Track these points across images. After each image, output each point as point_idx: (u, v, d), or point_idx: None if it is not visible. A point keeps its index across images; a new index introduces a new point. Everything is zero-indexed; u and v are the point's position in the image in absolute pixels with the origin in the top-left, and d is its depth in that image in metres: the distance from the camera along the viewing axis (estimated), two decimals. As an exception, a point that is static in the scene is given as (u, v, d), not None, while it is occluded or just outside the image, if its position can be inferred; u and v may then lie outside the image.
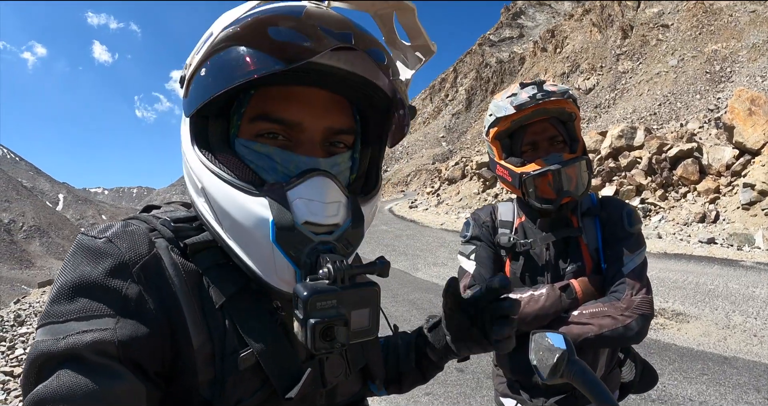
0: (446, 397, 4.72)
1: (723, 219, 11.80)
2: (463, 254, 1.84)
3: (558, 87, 1.67)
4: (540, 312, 1.58)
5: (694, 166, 13.40)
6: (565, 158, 1.65)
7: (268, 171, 0.80)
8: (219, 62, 0.75)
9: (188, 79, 0.81)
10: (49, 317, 0.69)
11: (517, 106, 1.65)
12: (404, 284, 9.62)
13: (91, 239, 0.75)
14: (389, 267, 0.78)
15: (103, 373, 0.66)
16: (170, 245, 0.80)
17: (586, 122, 43.20)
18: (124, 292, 0.71)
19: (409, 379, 1.17)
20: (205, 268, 0.80)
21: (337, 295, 0.68)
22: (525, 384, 1.77)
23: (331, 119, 0.84)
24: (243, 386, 0.77)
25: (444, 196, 27.52)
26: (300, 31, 0.72)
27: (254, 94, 0.82)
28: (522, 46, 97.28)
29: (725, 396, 4.32)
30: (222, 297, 0.78)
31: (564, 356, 1.05)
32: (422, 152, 77.65)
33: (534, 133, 1.71)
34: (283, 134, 0.81)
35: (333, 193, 0.78)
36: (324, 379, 0.87)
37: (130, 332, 0.69)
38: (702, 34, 42.68)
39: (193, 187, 0.83)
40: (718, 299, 7.12)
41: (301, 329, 0.67)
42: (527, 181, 1.68)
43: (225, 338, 0.77)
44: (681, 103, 34.81)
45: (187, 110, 0.81)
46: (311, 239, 0.74)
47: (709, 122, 18.08)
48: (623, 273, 1.61)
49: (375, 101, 0.91)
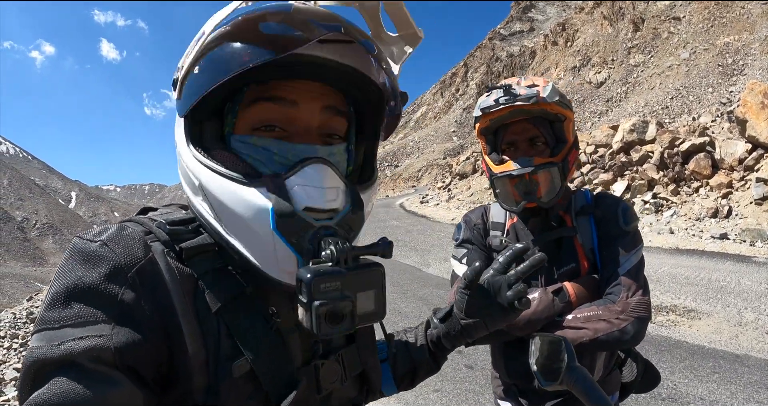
0: (455, 394, 4.71)
1: (736, 214, 11.67)
2: (456, 257, 1.81)
3: (528, 90, 1.61)
4: (532, 317, 1.55)
5: (706, 161, 13.26)
6: (535, 163, 1.61)
7: (265, 163, 0.80)
8: (212, 58, 0.76)
9: (181, 79, 0.81)
10: (44, 323, 0.68)
11: (483, 109, 1.66)
12: (415, 280, 9.61)
13: (86, 243, 0.74)
14: (392, 247, 0.77)
15: (100, 380, 0.65)
16: (166, 249, 0.79)
17: (598, 116, 42.88)
18: (119, 297, 0.70)
19: (423, 369, 1.18)
20: (201, 273, 0.79)
21: (340, 276, 0.68)
22: (521, 388, 1.75)
23: (326, 100, 0.85)
24: (237, 392, 0.76)
25: (455, 191, 27.44)
26: (289, 23, 0.74)
27: (248, 90, 0.82)
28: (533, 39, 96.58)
29: (736, 395, 4.29)
30: (217, 303, 0.77)
31: (565, 363, 1.04)
32: (433, 147, 77.38)
33: (513, 132, 1.69)
34: (279, 125, 0.82)
35: (331, 179, 0.78)
36: (319, 386, 0.87)
37: (126, 338, 0.68)
38: (714, 26, 42.15)
39: (190, 186, 0.83)
40: (731, 295, 7.06)
41: (306, 314, 0.67)
42: (495, 182, 1.69)
43: (219, 344, 0.76)
44: (693, 97, 34.45)
45: (181, 110, 0.82)
46: (312, 224, 0.74)
47: (722, 116, 17.85)
48: (619, 274, 1.57)
49: (368, 94, 0.92)
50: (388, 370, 1.16)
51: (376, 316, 0.74)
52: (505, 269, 1.04)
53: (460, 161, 31.46)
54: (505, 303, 1.01)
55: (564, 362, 1.04)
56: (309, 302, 0.65)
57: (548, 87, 1.65)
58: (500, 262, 1.05)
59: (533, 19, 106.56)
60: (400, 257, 12.20)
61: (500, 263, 1.05)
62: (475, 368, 5.21)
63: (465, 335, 1.10)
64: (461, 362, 5.37)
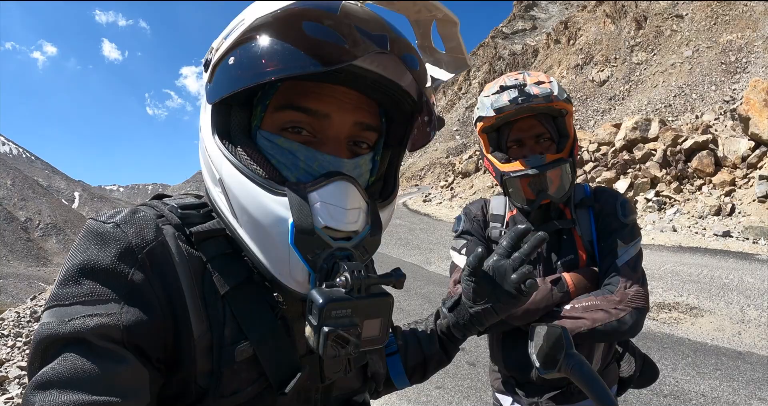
0: (457, 391, 4.72)
1: (738, 212, 11.66)
2: (455, 248, 1.82)
3: (542, 89, 1.62)
4: (531, 306, 1.56)
5: (709, 159, 13.25)
6: (547, 160, 1.62)
7: (289, 168, 0.78)
8: (249, 53, 0.73)
9: (214, 64, 0.78)
10: (55, 299, 0.69)
11: (497, 110, 1.64)
12: (417, 278, 9.62)
13: (99, 224, 0.75)
14: (404, 280, 0.77)
15: (108, 357, 0.66)
16: (177, 232, 0.80)
17: (601, 114, 42.83)
18: (129, 277, 0.71)
19: (434, 361, 1.19)
20: (210, 257, 0.80)
21: (352, 304, 0.68)
22: (520, 380, 1.75)
23: (359, 115, 0.83)
24: (239, 377, 0.77)
25: (458, 189, 27.50)
26: (336, 29, 0.70)
27: (281, 86, 0.80)
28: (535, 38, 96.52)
29: (738, 392, 4.29)
30: (225, 287, 0.78)
31: (563, 350, 1.04)
32: (436, 146, 77.37)
33: (520, 130, 1.69)
34: (308, 129, 0.80)
35: (355, 200, 0.76)
36: (323, 374, 0.87)
37: (134, 317, 0.69)
38: (717, 24, 42.04)
39: (211, 176, 0.82)
40: (733, 293, 7.06)
41: (314, 335, 0.67)
42: (507, 182, 1.68)
43: (224, 328, 0.77)
44: (696, 95, 34.38)
45: (211, 98, 0.79)
46: (330, 244, 0.73)
47: (725, 114, 17.82)
48: (617, 265, 1.58)
49: (401, 105, 0.90)
50: (399, 362, 1.16)
51: (378, 341, 0.73)
52: (509, 253, 1.04)
53: (463, 160, 31.50)
54: (511, 288, 1.01)
55: (563, 350, 1.04)
56: (318, 326, 0.66)
57: (555, 84, 1.67)
58: (503, 246, 1.05)
59: (536, 18, 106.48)
60: (403, 255, 12.23)
61: (503, 247, 1.05)
62: (477, 365, 5.22)
63: (476, 323, 1.10)
64: (463, 359, 5.38)
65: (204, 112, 0.84)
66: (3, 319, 10.14)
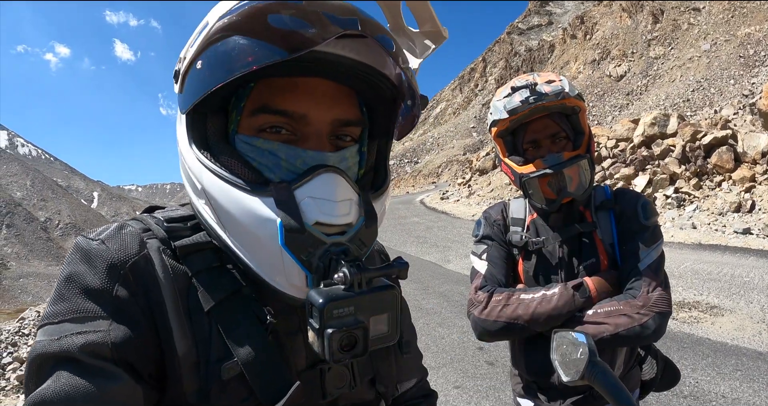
0: (476, 390, 4.71)
1: (759, 208, 11.48)
2: (475, 253, 1.81)
3: (553, 87, 1.62)
4: (553, 312, 1.55)
5: (728, 154, 13.06)
6: (565, 158, 1.62)
7: (272, 168, 0.76)
8: (216, 54, 0.70)
9: (183, 73, 0.76)
10: (46, 317, 0.70)
11: (510, 111, 1.64)
12: (435, 276, 9.62)
13: (87, 241, 0.75)
14: (408, 269, 0.71)
15: (100, 375, 0.66)
16: (162, 246, 0.78)
17: (618, 109, 42.39)
18: (114, 293, 0.71)
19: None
20: (195, 271, 0.77)
21: (354, 301, 0.64)
22: (541, 385, 1.74)
23: (338, 111, 0.80)
24: (228, 395, 0.74)
25: (475, 187, 27.32)
26: (302, 17, 0.68)
27: (254, 86, 0.78)
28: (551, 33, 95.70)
29: (759, 393, 4.24)
30: (210, 302, 0.75)
31: (587, 358, 1.05)
32: (453, 143, 77.05)
33: (535, 131, 1.68)
34: (287, 128, 0.77)
35: (344, 191, 0.74)
36: (324, 390, 0.84)
37: (123, 334, 0.69)
38: (734, 17, 41.39)
39: (192, 188, 0.80)
40: (754, 291, 6.95)
41: (317, 339, 0.63)
42: (527, 183, 1.67)
43: (210, 345, 0.74)
44: (714, 89, 33.90)
45: (183, 106, 0.77)
46: (323, 240, 0.70)
47: (744, 108, 17.57)
48: (639, 269, 1.57)
49: (382, 92, 0.87)
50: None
51: (389, 338, 0.69)
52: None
53: (480, 157, 31.28)
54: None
55: (586, 358, 1.05)
56: (321, 329, 0.62)
57: (565, 82, 1.67)
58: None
59: (551, 13, 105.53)
60: (421, 253, 12.23)
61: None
62: (496, 365, 5.21)
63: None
64: (482, 359, 5.38)
65: (179, 123, 0.81)
66: (24, 318, 10.28)
